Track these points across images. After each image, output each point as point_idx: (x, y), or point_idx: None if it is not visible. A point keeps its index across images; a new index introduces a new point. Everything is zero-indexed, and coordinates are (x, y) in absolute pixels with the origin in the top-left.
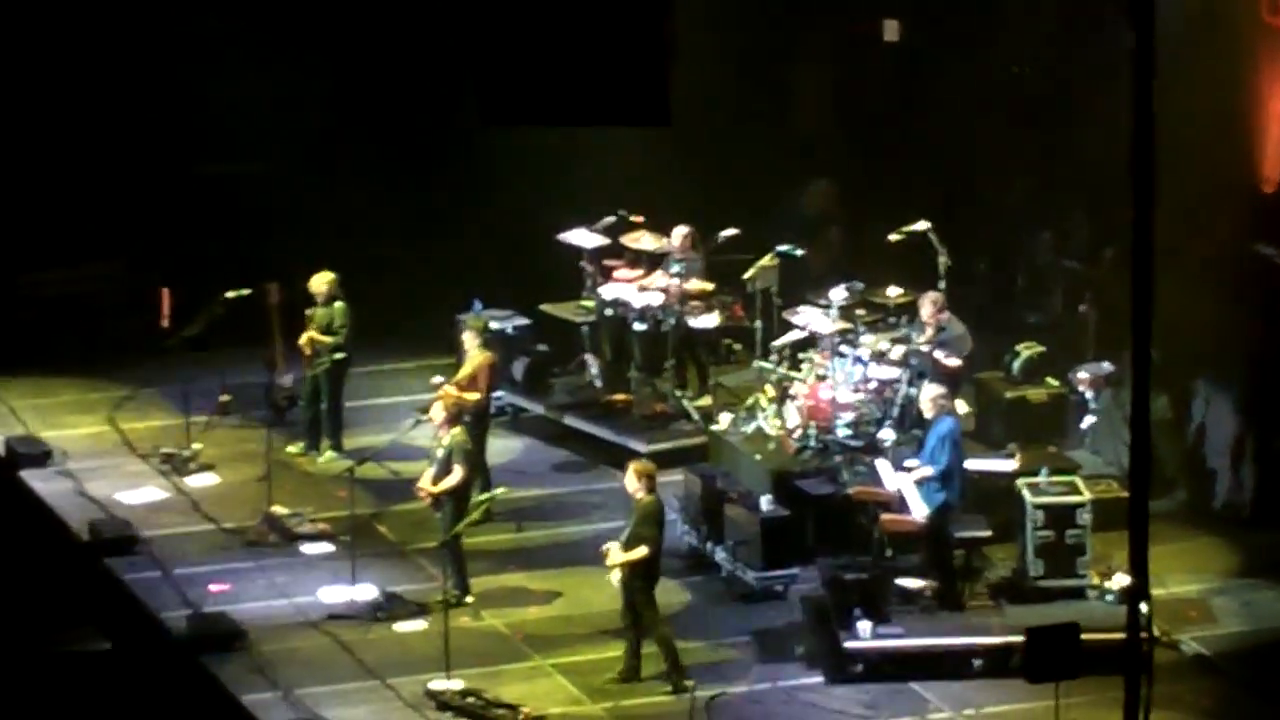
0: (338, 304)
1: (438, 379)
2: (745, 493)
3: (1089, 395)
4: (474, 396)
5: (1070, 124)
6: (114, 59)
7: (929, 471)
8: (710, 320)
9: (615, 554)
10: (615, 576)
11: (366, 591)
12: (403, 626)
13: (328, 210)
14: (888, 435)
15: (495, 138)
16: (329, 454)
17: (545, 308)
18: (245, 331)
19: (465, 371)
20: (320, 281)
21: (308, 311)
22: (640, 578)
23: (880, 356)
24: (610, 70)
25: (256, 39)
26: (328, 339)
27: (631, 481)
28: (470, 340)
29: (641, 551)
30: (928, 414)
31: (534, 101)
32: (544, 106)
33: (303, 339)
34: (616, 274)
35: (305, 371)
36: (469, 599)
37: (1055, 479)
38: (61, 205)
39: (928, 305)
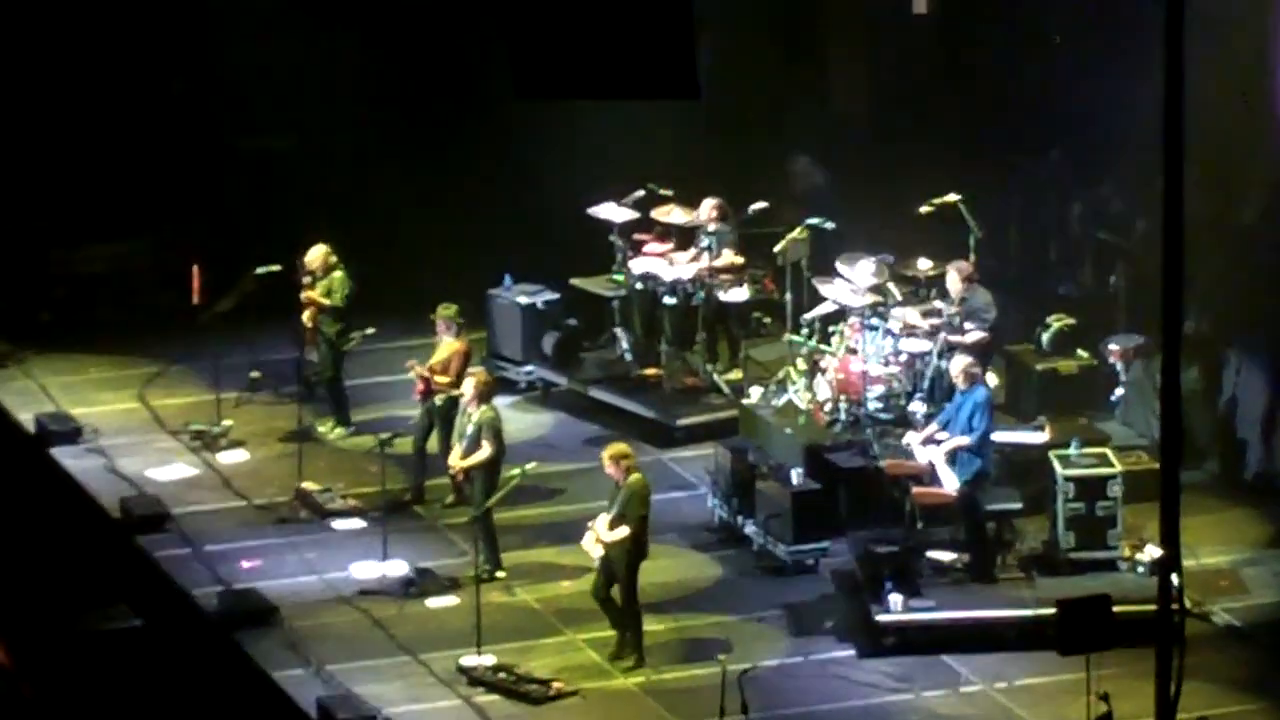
0: (335, 274)
1: (411, 362)
2: (776, 466)
3: (1120, 367)
4: (445, 380)
5: (1102, 95)
6: (145, 34)
7: (965, 441)
8: (741, 294)
9: (601, 531)
10: (596, 552)
11: (398, 567)
12: (434, 602)
13: (359, 185)
14: (918, 408)
15: (526, 111)
16: (338, 430)
17: (575, 282)
18: (276, 308)
19: (439, 356)
20: (315, 255)
21: (305, 282)
22: (627, 555)
23: (910, 329)
24: (641, 43)
25: (289, 13)
26: (327, 300)
27: (611, 469)
28: (443, 328)
29: (623, 532)
30: (960, 385)
31: (566, 75)
32: (576, 80)
33: (305, 313)
34: (646, 248)
35: (320, 347)
36: (500, 574)
37: (1086, 451)
38: (92, 181)
39: (954, 276)
